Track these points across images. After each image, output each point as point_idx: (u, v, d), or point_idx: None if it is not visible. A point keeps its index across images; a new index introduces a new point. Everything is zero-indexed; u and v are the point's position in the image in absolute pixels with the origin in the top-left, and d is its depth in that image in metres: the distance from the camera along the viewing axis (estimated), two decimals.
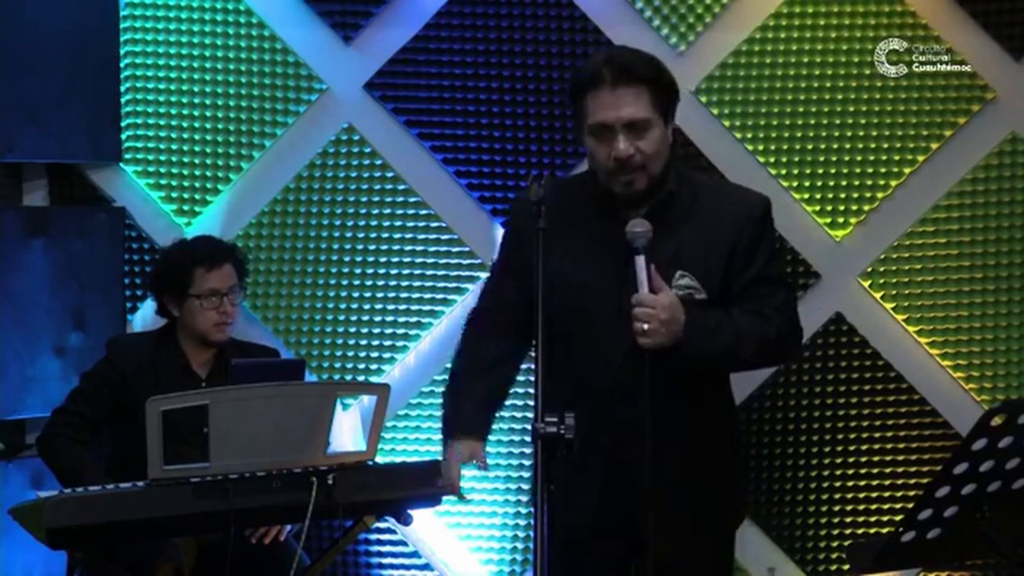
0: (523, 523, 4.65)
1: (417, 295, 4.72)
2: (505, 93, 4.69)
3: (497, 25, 4.69)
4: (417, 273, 4.72)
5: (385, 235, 4.72)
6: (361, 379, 4.70)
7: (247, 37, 4.70)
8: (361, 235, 4.72)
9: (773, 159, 4.70)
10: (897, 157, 4.70)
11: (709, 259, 3.11)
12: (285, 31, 4.71)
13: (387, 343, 4.72)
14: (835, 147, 4.69)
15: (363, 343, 4.72)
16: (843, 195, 4.70)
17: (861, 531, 4.68)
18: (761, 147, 4.70)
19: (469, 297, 4.68)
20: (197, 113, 4.72)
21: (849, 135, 4.69)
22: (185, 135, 4.72)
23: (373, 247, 4.72)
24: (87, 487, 3.28)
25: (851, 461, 4.68)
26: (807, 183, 4.70)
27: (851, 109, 4.69)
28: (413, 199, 4.72)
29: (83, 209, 4.67)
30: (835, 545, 4.68)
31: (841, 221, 4.71)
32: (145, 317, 4.65)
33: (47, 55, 4.46)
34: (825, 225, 4.71)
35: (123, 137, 4.69)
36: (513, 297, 3.19)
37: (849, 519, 4.69)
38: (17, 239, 4.43)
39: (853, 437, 4.68)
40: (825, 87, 4.69)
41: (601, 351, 3.09)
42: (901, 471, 4.68)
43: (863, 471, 4.68)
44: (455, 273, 4.72)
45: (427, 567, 4.70)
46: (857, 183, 4.70)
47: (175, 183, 4.73)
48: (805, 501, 4.69)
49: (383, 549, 4.71)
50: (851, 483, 4.68)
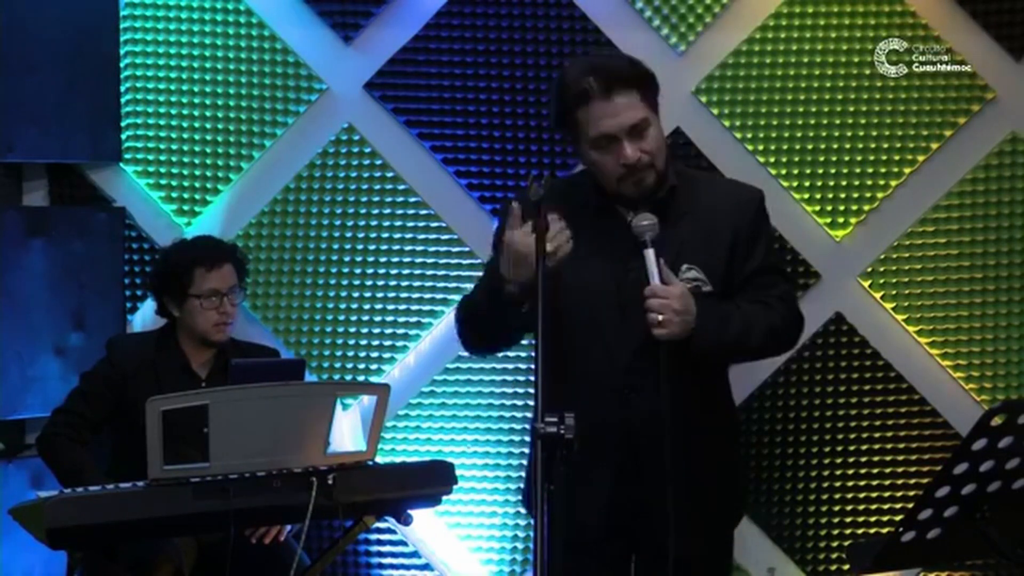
0: (523, 523, 4.65)
1: (417, 295, 4.72)
2: (505, 93, 4.68)
3: (497, 25, 4.68)
4: (417, 273, 4.72)
5: (385, 235, 4.71)
6: (361, 379, 4.69)
7: (247, 37, 4.70)
8: (361, 235, 4.71)
9: (773, 159, 4.70)
10: (897, 157, 4.69)
11: (712, 252, 3.14)
12: (285, 31, 4.71)
13: (387, 343, 4.72)
14: (835, 147, 4.69)
15: (363, 343, 4.72)
16: (843, 195, 4.70)
17: (861, 531, 4.68)
18: (761, 147, 4.70)
19: None
20: (197, 113, 4.71)
21: (849, 135, 4.69)
22: (185, 135, 4.72)
23: (373, 247, 4.71)
24: (87, 487, 3.28)
25: (851, 461, 4.68)
26: (807, 183, 4.70)
27: (851, 109, 4.68)
28: (413, 199, 4.71)
29: (83, 209, 4.67)
30: (835, 545, 4.68)
31: (841, 221, 4.71)
32: (145, 317, 4.65)
33: (47, 55, 4.46)
34: (825, 225, 4.70)
35: (123, 137, 4.69)
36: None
37: (849, 519, 4.69)
38: (17, 239, 4.43)
39: (853, 437, 4.68)
40: (825, 87, 4.68)
41: (608, 348, 3.10)
42: (901, 471, 4.68)
43: (863, 471, 4.68)
44: (455, 273, 4.71)
45: (427, 567, 4.70)
46: (857, 183, 4.70)
47: (175, 183, 4.73)
48: (805, 501, 4.69)
49: (383, 549, 4.71)
50: (851, 483, 4.68)
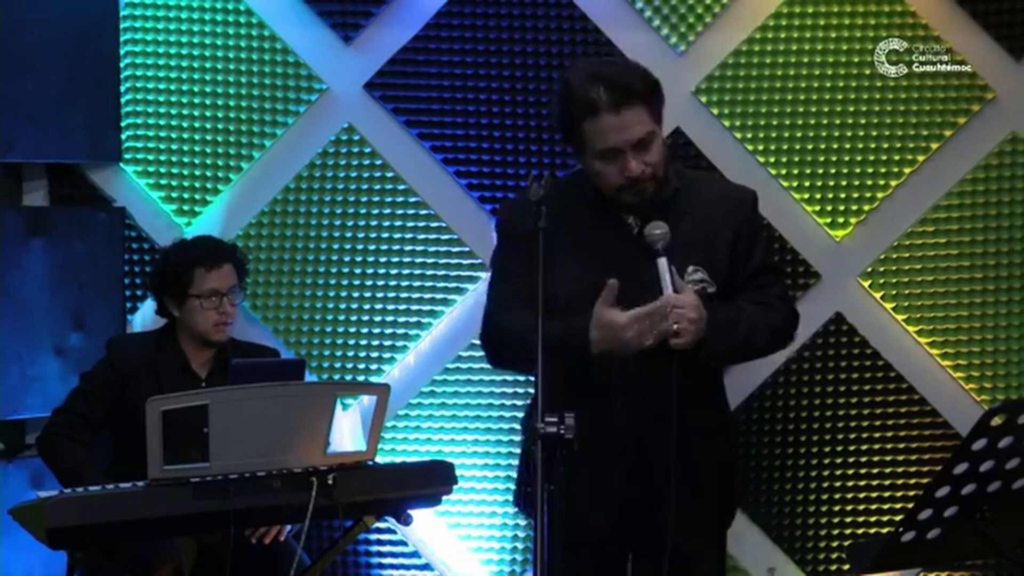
0: (523, 523, 4.64)
1: (417, 295, 4.72)
2: (505, 93, 4.68)
3: (497, 25, 4.68)
4: (417, 273, 4.72)
5: (385, 235, 4.71)
6: (361, 379, 4.69)
7: (247, 37, 4.70)
8: (361, 235, 4.71)
9: (773, 159, 4.70)
10: (897, 157, 4.69)
11: (713, 252, 3.15)
12: (285, 31, 4.71)
13: (387, 343, 4.72)
14: (835, 147, 4.69)
15: (363, 343, 4.72)
16: (843, 195, 4.70)
17: (861, 531, 4.68)
18: (761, 147, 4.70)
19: (470, 297, 4.68)
20: (197, 113, 4.71)
21: (849, 135, 4.69)
22: (185, 135, 4.72)
23: (373, 247, 4.71)
24: (87, 487, 3.28)
25: (851, 461, 4.68)
26: (807, 183, 4.70)
27: (851, 109, 4.68)
28: (413, 199, 4.71)
29: (83, 209, 4.67)
30: (835, 545, 4.68)
31: (841, 221, 4.71)
32: (145, 317, 4.64)
33: (47, 55, 4.45)
34: (825, 225, 4.70)
35: (123, 137, 4.69)
36: (526, 301, 3.00)
37: (849, 519, 4.69)
38: (17, 239, 4.43)
39: (853, 437, 4.68)
40: (825, 87, 4.68)
41: (620, 358, 3.06)
42: (901, 471, 4.68)
43: (863, 471, 4.68)
44: (455, 273, 4.71)
45: (427, 567, 4.70)
46: (857, 183, 4.70)
47: (175, 183, 4.73)
48: (805, 501, 4.69)
49: (383, 549, 4.71)
50: (851, 483, 4.68)
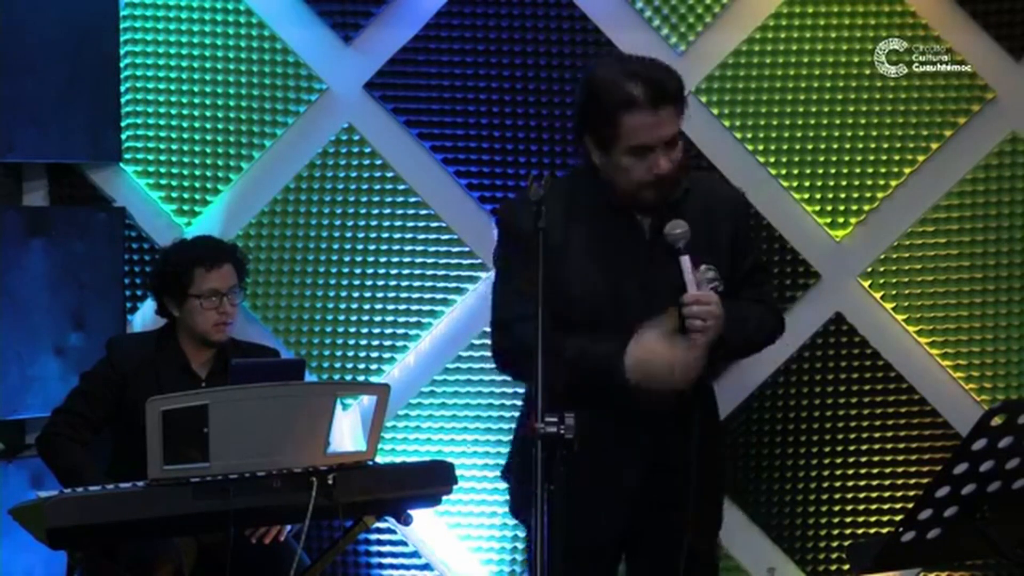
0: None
1: (417, 295, 4.72)
2: (505, 93, 4.68)
3: (497, 25, 4.68)
4: (417, 273, 4.72)
5: (385, 235, 4.71)
6: (361, 379, 4.69)
7: (247, 37, 4.70)
8: (361, 235, 4.71)
9: (773, 159, 4.70)
10: (897, 157, 4.69)
11: (716, 250, 3.16)
12: (285, 31, 4.71)
13: (387, 343, 4.72)
14: (835, 147, 4.69)
15: (363, 343, 4.72)
16: (843, 195, 4.70)
17: (861, 531, 4.68)
18: (761, 147, 4.70)
19: (470, 297, 4.69)
20: (197, 113, 4.71)
21: (849, 135, 4.69)
22: (185, 135, 4.72)
23: (373, 247, 4.71)
24: (87, 487, 3.28)
25: (851, 461, 4.68)
26: (807, 183, 4.70)
27: (851, 109, 4.68)
28: (413, 199, 4.71)
29: (83, 209, 4.67)
30: (835, 545, 4.68)
31: (841, 221, 4.71)
32: (145, 317, 4.64)
33: (47, 55, 4.45)
34: (825, 225, 4.70)
35: (123, 137, 4.69)
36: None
37: (849, 519, 4.69)
38: (17, 239, 4.43)
39: (853, 437, 4.68)
40: (825, 87, 4.68)
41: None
42: (901, 471, 4.68)
43: (863, 471, 4.68)
44: (455, 273, 4.71)
45: (427, 567, 4.70)
46: (857, 183, 4.70)
47: (175, 183, 4.73)
48: (805, 501, 4.69)
49: (383, 549, 4.71)
50: (851, 483, 4.68)
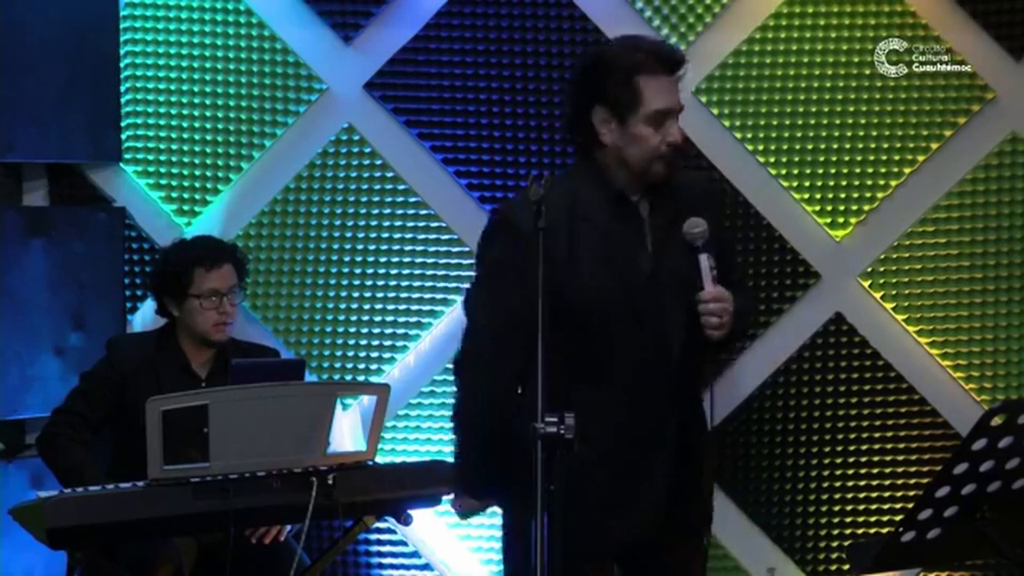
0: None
1: (417, 295, 4.72)
2: (505, 93, 4.68)
3: (497, 25, 4.69)
4: (417, 273, 4.72)
5: (385, 235, 4.71)
6: (361, 379, 4.69)
7: (247, 37, 4.70)
8: (361, 235, 4.71)
9: (773, 159, 4.70)
10: (897, 157, 4.69)
11: (713, 242, 3.12)
12: (285, 31, 4.71)
13: (387, 343, 4.72)
14: (835, 147, 4.69)
15: (363, 343, 4.72)
16: (843, 195, 4.70)
17: (861, 531, 4.68)
18: (761, 147, 4.70)
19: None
20: (197, 113, 4.71)
21: (849, 135, 4.69)
22: (185, 135, 4.72)
23: (373, 247, 4.71)
24: (87, 487, 3.28)
25: (851, 461, 4.68)
26: (807, 183, 4.70)
27: (851, 109, 4.68)
28: (413, 199, 4.71)
29: (83, 209, 4.67)
30: (835, 545, 4.68)
31: (841, 221, 4.71)
32: (145, 317, 4.64)
33: (47, 55, 4.45)
34: (825, 225, 4.70)
35: (123, 137, 4.69)
36: (528, 311, 2.78)
37: (849, 519, 4.69)
38: (17, 239, 4.43)
39: (853, 437, 4.68)
40: (825, 87, 4.68)
41: (654, 345, 3.04)
42: (901, 471, 4.68)
43: (863, 471, 4.68)
44: (455, 273, 4.71)
45: (427, 567, 4.70)
46: (857, 183, 4.70)
47: (175, 183, 4.73)
48: (805, 501, 4.69)
49: (383, 549, 4.71)
50: (851, 483, 4.68)
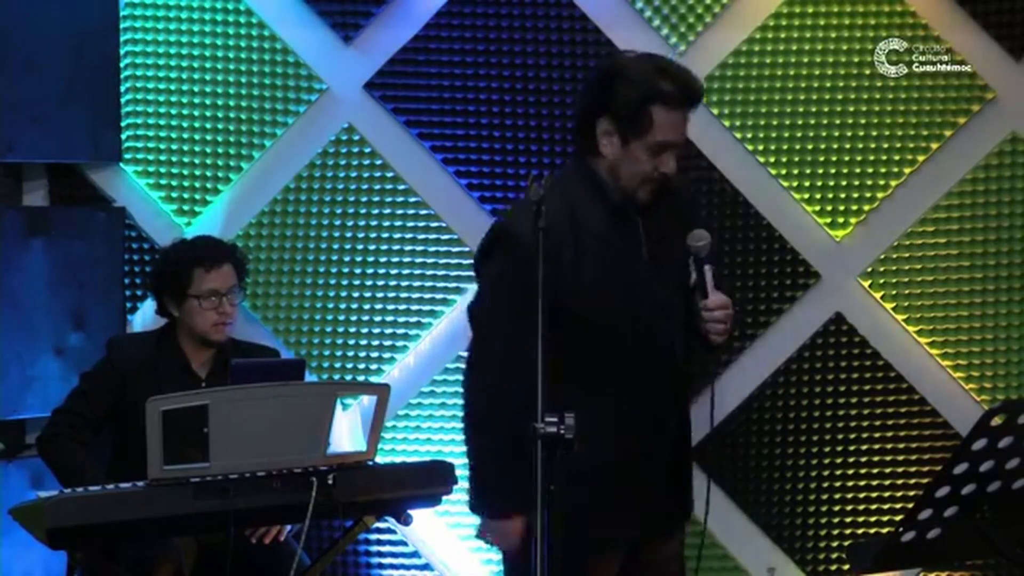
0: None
1: (417, 295, 4.72)
2: (505, 93, 4.68)
3: (497, 25, 4.69)
4: (417, 273, 4.72)
5: (385, 235, 4.72)
6: (361, 379, 4.70)
7: (247, 37, 4.70)
8: (361, 235, 4.71)
9: (773, 159, 4.70)
10: (897, 157, 4.69)
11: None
12: (285, 31, 4.71)
13: (387, 343, 4.72)
14: (835, 147, 4.69)
15: (363, 343, 4.72)
16: (843, 195, 4.70)
17: (861, 531, 4.68)
18: (761, 147, 4.70)
19: (469, 297, 4.67)
20: (197, 113, 4.71)
21: (849, 135, 4.69)
22: (185, 135, 4.72)
23: (373, 247, 4.71)
24: (87, 487, 3.28)
25: (851, 461, 4.68)
26: (807, 183, 4.70)
27: (851, 109, 4.68)
28: (413, 199, 4.71)
29: (83, 209, 4.67)
30: (835, 545, 4.68)
31: (841, 221, 4.71)
32: (145, 317, 4.65)
33: (47, 55, 4.45)
34: (825, 225, 4.70)
35: (123, 137, 4.69)
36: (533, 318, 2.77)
37: (849, 519, 4.69)
38: (17, 239, 4.43)
39: (853, 437, 4.68)
40: (825, 87, 4.68)
41: (661, 344, 3.12)
42: (901, 471, 4.68)
43: (863, 471, 4.68)
44: (455, 273, 4.71)
45: (427, 567, 4.70)
46: (857, 183, 4.70)
47: (175, 183, 4.73)
48: (805, 501, 4.69)
49: (383, 549, 4.71)
50: (851, 483, 4.68)
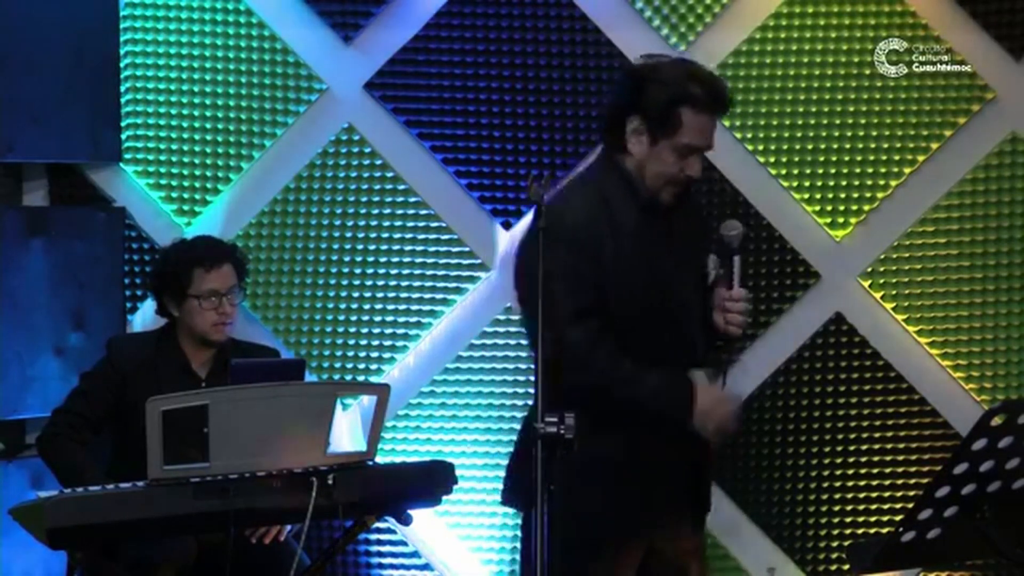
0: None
1: (417, 295, 4.72)
2: (505, 93, 4.68)
3: (497, 25, 4.69)
4: (417, 273, 4.72)
5: (385, 235, 4.72)
6: (361, 379, 4.70)
7: (247, 37, 4.70)
8: (361, 235, 4.71)
9: (773, 159, 4.70)
10: (897, 157, 4.70)
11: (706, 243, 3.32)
12: (285, 31, 4.71)
13: (387, 343, 4.72)
14: (835, 147, 4.69)
15: (363, 343, 4.72)
16: (843, 195, 4.70)
17: (861, 531, 4.68)
18: (761, 147, 4.70)
19: (469, 297, 4.69)
20: (197, 113, 4.71)
21: (849, 135, 4.69)
22: (185, 135, 4.72)
23: (373, 247, 4.71)
24: (87, 487, 3.27)
25: (851, 461, 4.68)
26: (807, 183, 4.70)
27: (851, 109, 4.69)
28: (413, 199, 4.71)
29: (83, 209, 4.67)
30: (835, 545, 4.68)
31: (841, 221, 4.71)
32: (145, 317, 4.65)
33: (47, 55, 4.45)
34: (825, 225, 4.70)
35: (123, 137, 4.69)
36: (600, 304, 3.13)
37: (849, 519, 4.69)
38: (17, 239, 4.43)
39: (853, 437, 4.68)
40: (825, 87, 4.68)
41: (687, 338, 3.21)
42: (901, 471, 4.68)
43: (863, 471, 4.68)
44: (455, 273, 4.71)
45: (427, 567, 4.70)
46: (857, 183, 4.70)
47: (175, 183, 4.73)
48: (805, 501, 4.69)
49: (383, 549, 4.71)
50: (851, 483, 4.68)
